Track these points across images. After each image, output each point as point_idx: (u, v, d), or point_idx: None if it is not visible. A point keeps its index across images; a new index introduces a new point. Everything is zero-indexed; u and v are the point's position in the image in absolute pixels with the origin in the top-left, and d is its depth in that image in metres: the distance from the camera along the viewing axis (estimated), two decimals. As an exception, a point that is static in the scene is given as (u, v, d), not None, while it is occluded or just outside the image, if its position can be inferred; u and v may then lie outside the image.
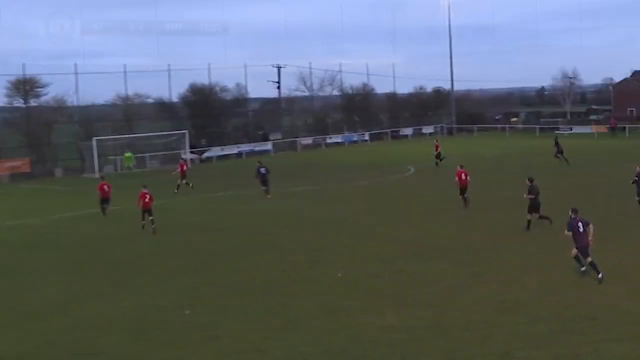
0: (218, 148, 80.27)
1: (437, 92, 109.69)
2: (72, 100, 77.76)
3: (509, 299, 21.67)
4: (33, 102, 76.75)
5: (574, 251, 23.75)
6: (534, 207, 31.71)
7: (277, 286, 24.33)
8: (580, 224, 23.53)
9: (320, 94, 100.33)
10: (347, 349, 17.92)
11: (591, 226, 23.65)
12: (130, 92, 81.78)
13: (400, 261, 26.94)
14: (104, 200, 40.97)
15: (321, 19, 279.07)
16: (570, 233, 23.54)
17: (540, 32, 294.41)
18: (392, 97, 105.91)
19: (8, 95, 75.95)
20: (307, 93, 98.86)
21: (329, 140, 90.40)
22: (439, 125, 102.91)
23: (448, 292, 22.72)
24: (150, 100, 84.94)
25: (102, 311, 22.43)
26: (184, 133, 74.09)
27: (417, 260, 26.99)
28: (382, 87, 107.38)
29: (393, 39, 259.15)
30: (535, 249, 27.98)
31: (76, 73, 76.14)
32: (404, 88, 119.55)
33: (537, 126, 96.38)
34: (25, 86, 75.19)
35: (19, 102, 76.79)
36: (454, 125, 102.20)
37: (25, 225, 40.36)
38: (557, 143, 58.71)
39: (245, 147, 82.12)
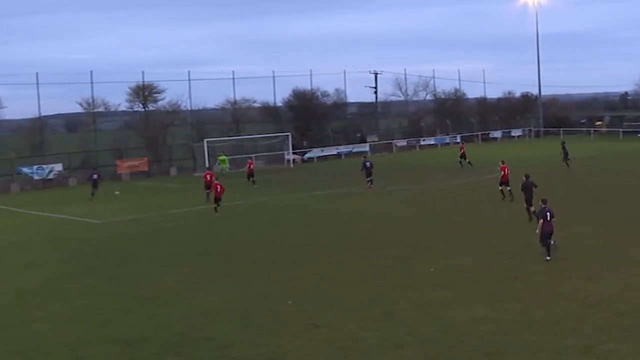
0: (319, 149, 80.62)
1: (525, 97, 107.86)
2: (186, 104, 79.09)
3: (593, 294, 21.26)
4: (151, 107, 78.46)
5: (541, 242, 25.72)
6: (529, 200, 33.41)
7: (373, 279, 24.37)
8: (548, 213, 25.67)
9: (415, 98, 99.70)
10: (438, 339, 17.85)
11: (555, 218, 25.82)
12: (238, 97, 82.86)
13: (489, 257, 26.68)
14: (207, 186, 44.60)
15: (415, 27, 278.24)
16: (541, 220, 25.62)
17: (623, 39, 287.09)
18: (482, 102, 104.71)
19: (129, 100, 77.94)
20: (402, 98, 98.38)
21: (422, 142, 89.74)
22: (527, 129, 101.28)
23: (535, 287, 22.40)
24: (256, 105, 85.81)
25: (213, 299, 22.82)
26: (287, 135, 74.67)
27: (505, 256, 26.68)
28: (472, 92, 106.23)
29: (483, 46, 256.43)
30: (617, 247, 27.40)
31: (189, 80, 77.47)
32: (494, 93, 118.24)
33: (621, 130, 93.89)
34: (144, 92, 76.88)
35: (138, 107, 78.64)
36: (542, 129, 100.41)
37: (144, 219, 41.28)
38: (563, 147, 57.57)
39: (344, 149, 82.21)
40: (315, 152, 79.85)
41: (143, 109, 78.26)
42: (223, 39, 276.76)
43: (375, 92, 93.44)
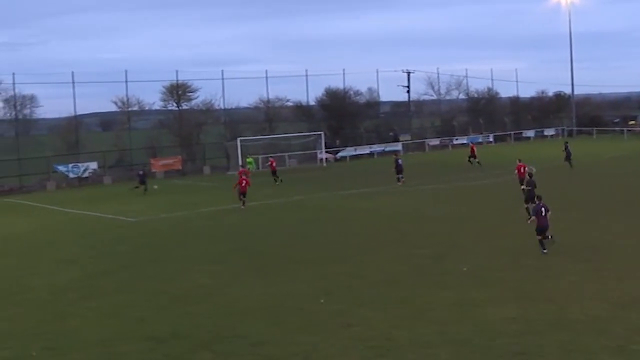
0: (351, 148, 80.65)
1: (558, 96, 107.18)
2: (219, 103, 79.55)
3: (626, 294, 21.00)
4: (185, 106, 78.96)
5: (539, 237, 26.69)
6: (529, 198, 33.21)
7: (406, 278, 24.27)
8: (543, 209, 26.77)
9: (447, 97, 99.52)
10: (470, 339, 17.72)
11: (549, 212, 26.92)
12: (271, 96, 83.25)
13: (522, 256, 26.47)
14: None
15: (448, 26, 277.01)
16: (533, 217, 27.16)
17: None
18: (515, 101, 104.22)
19: (163, 100, 78.43)
20: (434, 97, 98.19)
21: (455, 142, 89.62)
22: (560, 128, 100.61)
23: (568, 286, 22.20)
24: (289, 104, 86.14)
25: (244, 297, 22.84)
26: (320, 134, 74.78)
27: (538, 255, 26.45)
28: (505, 91, 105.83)
29: (516, 45, 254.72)
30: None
31: (223, 79, 77.88)
32: (527, 92, 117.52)
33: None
34: (178, 91, 77.32)
35: (172, 106, 79.11)
36: (574, 128, 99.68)
37: (177, 217, 41.49)
38: (566, 148, 57.08)
39: (376, 148, 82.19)
40: (348, 151, 79.85)
41: (177, 108, 78.73)
42: (256, 39, 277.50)
43: (408, 91, 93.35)
